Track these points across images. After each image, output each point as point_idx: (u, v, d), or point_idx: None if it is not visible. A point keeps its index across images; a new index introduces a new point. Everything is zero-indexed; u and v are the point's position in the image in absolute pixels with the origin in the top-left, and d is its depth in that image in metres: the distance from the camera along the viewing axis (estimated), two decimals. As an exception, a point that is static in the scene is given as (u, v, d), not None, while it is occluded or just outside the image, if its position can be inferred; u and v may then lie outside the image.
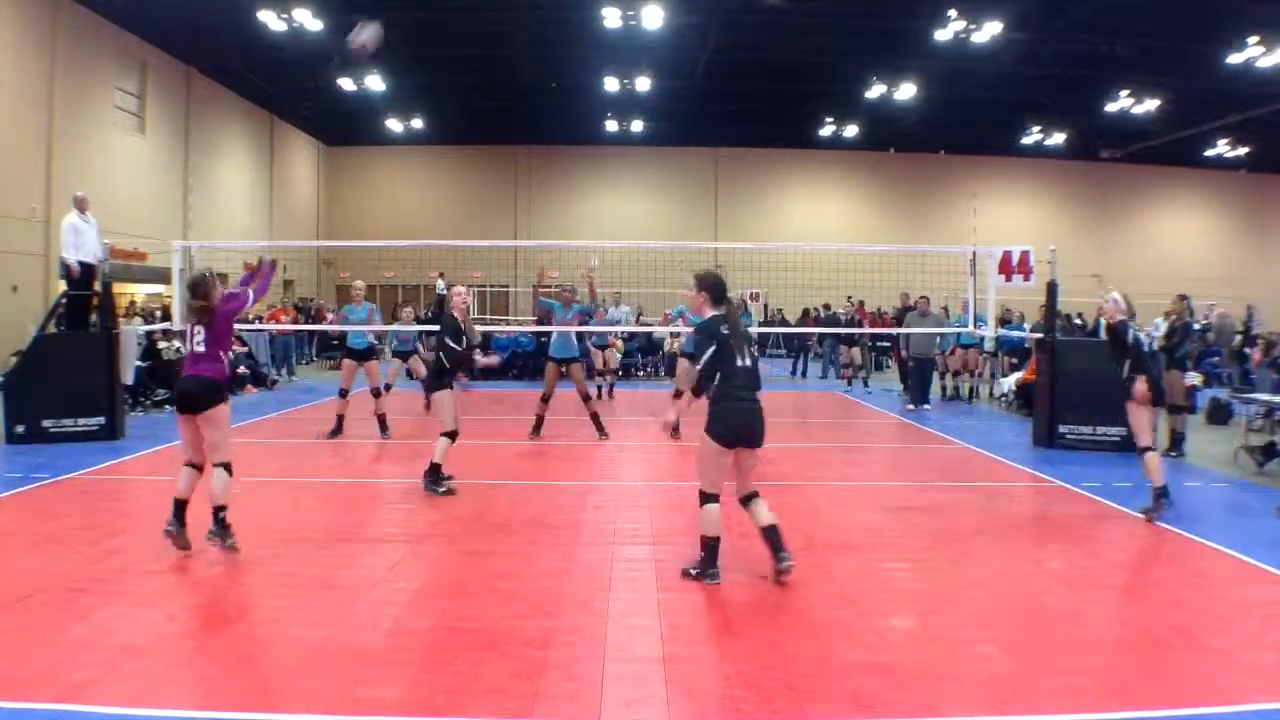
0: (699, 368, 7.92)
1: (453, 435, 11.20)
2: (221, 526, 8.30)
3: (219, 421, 8.50)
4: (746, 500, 7.97)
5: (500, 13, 28.05)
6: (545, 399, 15.70)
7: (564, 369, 15.65)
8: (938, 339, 21.04)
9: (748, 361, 7.84)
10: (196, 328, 8.61)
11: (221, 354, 8.62)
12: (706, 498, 7.79)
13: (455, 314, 11.48)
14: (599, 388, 22.07)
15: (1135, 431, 10.86)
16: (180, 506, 8.37)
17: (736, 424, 7.73)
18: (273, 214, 40.50)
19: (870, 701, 5.51)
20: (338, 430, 15.76)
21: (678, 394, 9.31)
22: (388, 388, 17.36)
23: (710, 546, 7.80)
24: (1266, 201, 47.88)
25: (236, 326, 20.54)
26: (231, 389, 21.91)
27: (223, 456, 8.51)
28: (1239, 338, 25.97)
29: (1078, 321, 28.58)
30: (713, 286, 8.10)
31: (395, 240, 29.24)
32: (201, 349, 8.56)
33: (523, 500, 11.05)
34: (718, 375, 7.77)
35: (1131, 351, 10.83)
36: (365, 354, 16.15)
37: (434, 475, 11.27)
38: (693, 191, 46.95)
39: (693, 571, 7.83)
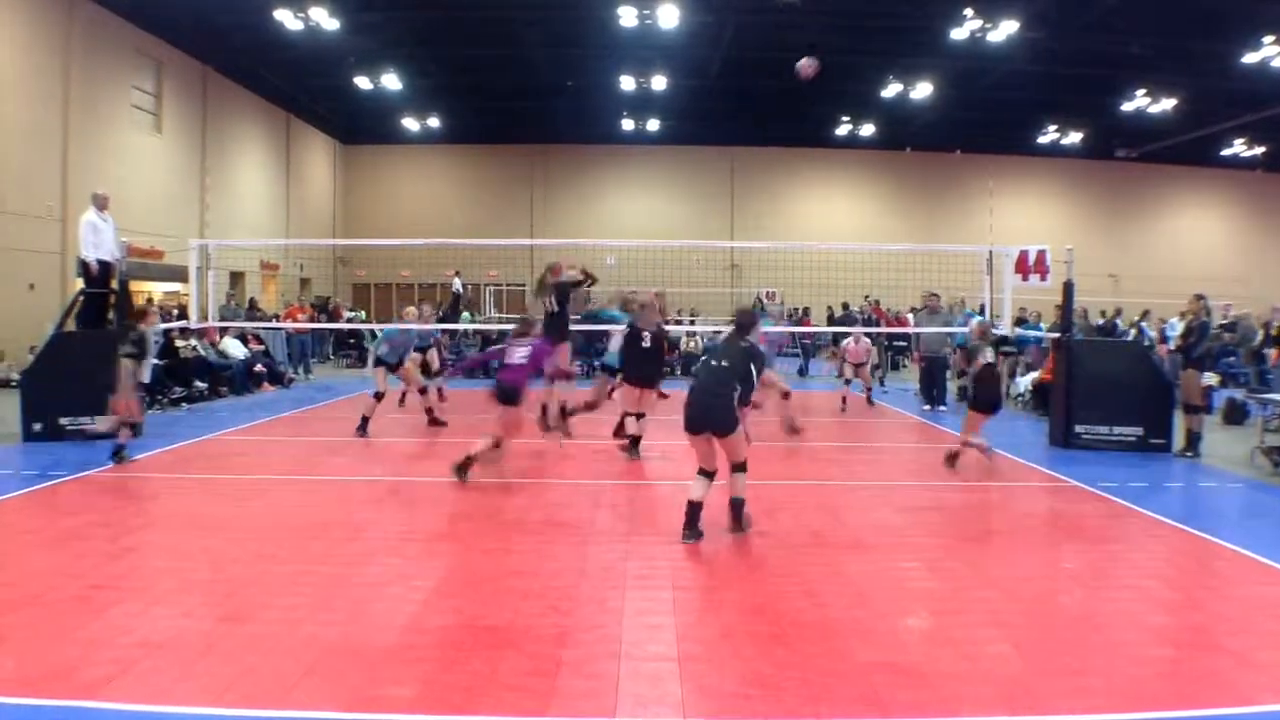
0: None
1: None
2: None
3: (516, 414, 11.86)
4: (732, 469, 9.24)
5: (516, 12, 28.10)
6: (592, 406, 15.24)
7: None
8: (949, 338, 20.92)
9: (724, 363, 9.20)
10: (518, 345, 11.90)
11: (529, 371, 11.76)
12: (698, 471, 9.22)
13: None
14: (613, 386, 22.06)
15: (968, 428, 13.16)
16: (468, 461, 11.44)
17: (692, 414, 9.16)
18: (289, 212, 40.57)
19: (884, 700, 5.51)
20: (437, 420, 16.90)
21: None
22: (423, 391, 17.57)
23: (688, 507, 9.10)
24: (1282, 201, 47.68)
25: (253, 325, 20.71)
26: (249, 387, 22.14)
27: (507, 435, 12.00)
28: (1260, 337, 25.81)
29: (1099, 321, 28.42)
30: (740, 321, 9.76)
31: (411, 239, 29.33)
32: (520, 362, 11.74)
33: (537, 499, 11.09)
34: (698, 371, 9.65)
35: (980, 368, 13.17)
36: (396, 364, 16.51)
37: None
38: (709, 190, 46.85)
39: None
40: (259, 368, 23.13)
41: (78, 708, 5.27)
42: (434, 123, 42.69)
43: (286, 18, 26.88)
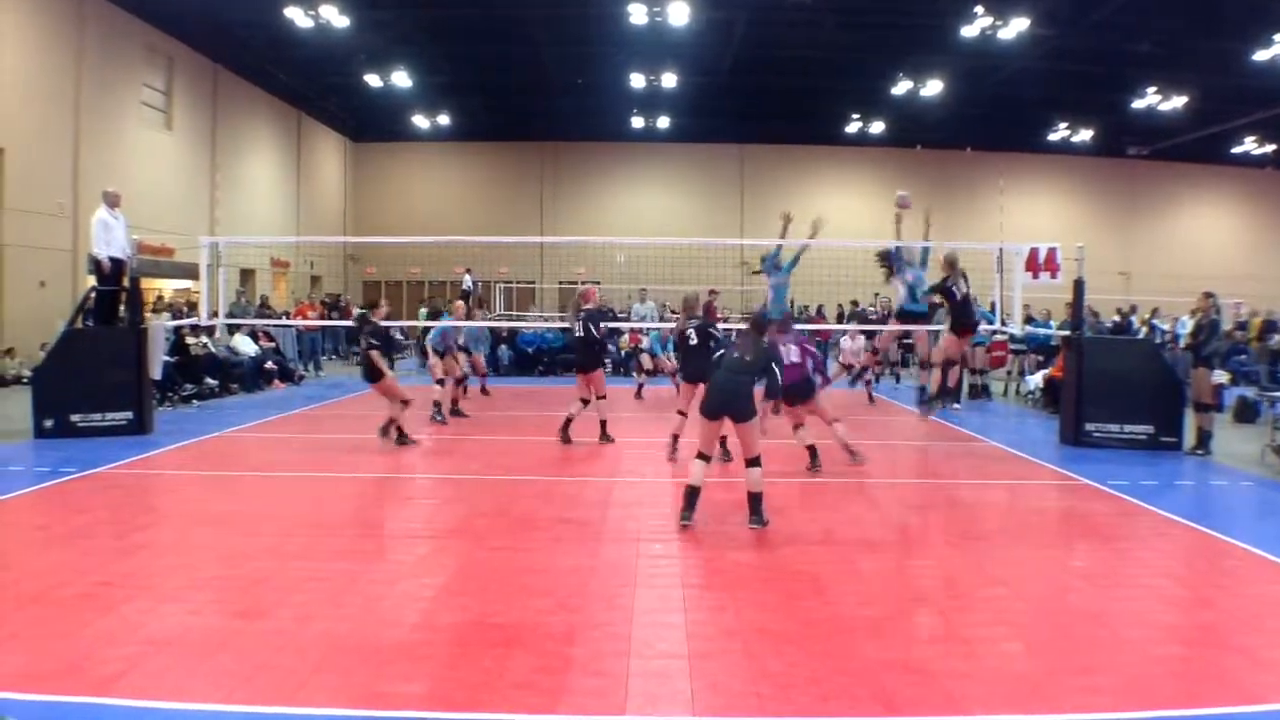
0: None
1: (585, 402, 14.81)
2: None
3: (815, 406, 12.75)
4: (747, 464, 9.52)
5: (526, 9, 28.08)
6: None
7: None
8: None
9: (748, 357, 9.69)
10: (783, 342, 12.22)
11: (805, 361, 12.51)
12: (697, 455, 9.62)
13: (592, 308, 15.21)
14: (639, 385, 21.99)
15: (939, 349, 15.05)
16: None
17: (715, 399, 9.53)
18: (299, 210, 40.59)
19: (893, 699, 5.50)
20: (455, 410, 17.92)
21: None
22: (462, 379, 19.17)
23: (686, 491, 9.57)
24: (1293, 199, 47.51)
25: (263, 322, 20.73)
26: (259, 384, 22.16)
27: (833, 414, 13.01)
28: (1277, 337, 25.66)
29: (1114, 320, 28.28)
30: (755, 320, 10.27)
31: (421, 236, 29.32)
32: (796, 360, 12.33)
33: (548, 496, 11.09)
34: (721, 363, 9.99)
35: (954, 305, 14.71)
36: (443, 352, 17.89)
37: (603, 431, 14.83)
38: (719, 188, 46.78)
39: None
40: (269, 365, 23.17)
41: (89, 704, 5.28)
42: (444, 120, 42.67)
43: (297, 15, 26.91)
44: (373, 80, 34.83)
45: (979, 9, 26.32)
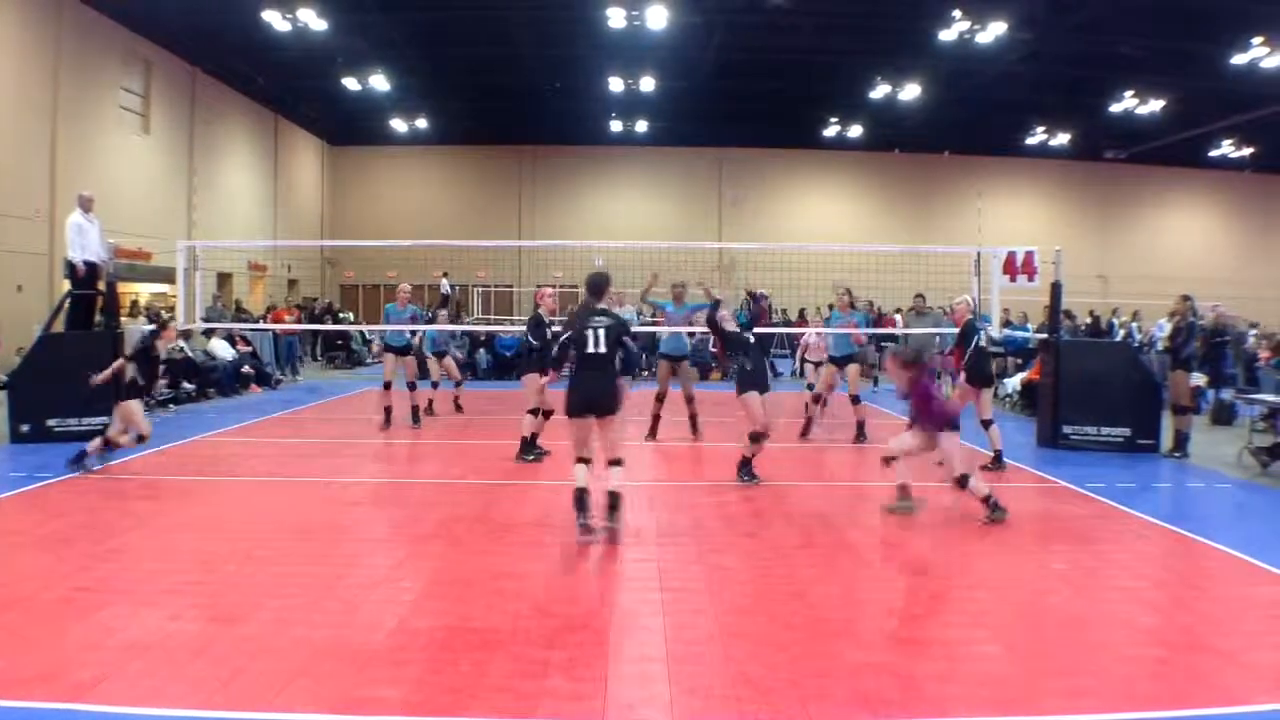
0: (555, 349, 9.83)
1: (537, 412, 13.40)
2: None
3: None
4: (609, 464, 9.31)
5: (505, 13, 28.07)
6: (660, 398, 15.81)
7: (675, 366, 15.80)
8: (937, 338, 20.86)
9: (600, 349, 9.27)
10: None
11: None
12: (575, 459, 9.37)
13: (543, 312, 14.06)
14: None
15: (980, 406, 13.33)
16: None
17: (578, 398, 9.27)
18: (277, 213, 40.48)
19: (874, 702, 5.50)
20: (387, 422, 16.75)
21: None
22: (435, 385, 18.91)
23: (575, 496, 9.17)
24: (1271, 202, 47.74)
25: (240, 326, 20.65)
26: (236, 389, 22.08)
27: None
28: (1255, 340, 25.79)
29: (1085, 322, 28.39)
30: (590, 283, 9.83)
31: (399, 240, 29.29)
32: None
33: (526, 500, 11.07)
34: (575, 358, 9.41)
35: (974, 345, 13.12)
36: (404, 350, 17.19)
37: (525, 447, 13.38)
38: (697, 192, 46.88)
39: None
40: (246, 369, 23.09)
41: (66, 710, 5.24)
42: (421, 124, 42.58)
43: (275, 18, 26.84)
44: (351, 84, 34.75)
45: (957, 13, 26.40)
